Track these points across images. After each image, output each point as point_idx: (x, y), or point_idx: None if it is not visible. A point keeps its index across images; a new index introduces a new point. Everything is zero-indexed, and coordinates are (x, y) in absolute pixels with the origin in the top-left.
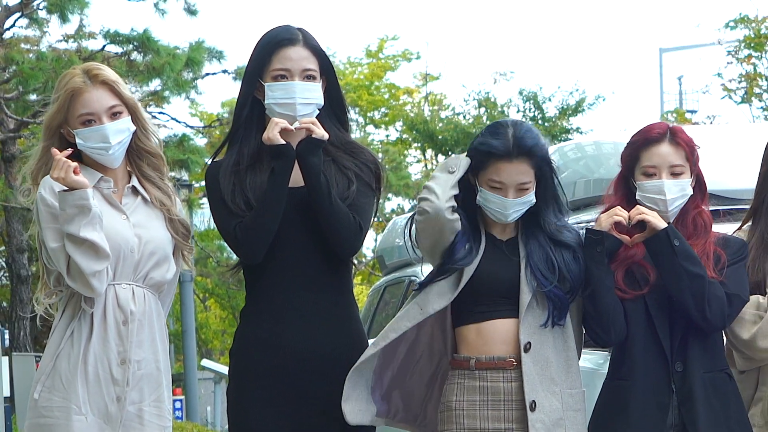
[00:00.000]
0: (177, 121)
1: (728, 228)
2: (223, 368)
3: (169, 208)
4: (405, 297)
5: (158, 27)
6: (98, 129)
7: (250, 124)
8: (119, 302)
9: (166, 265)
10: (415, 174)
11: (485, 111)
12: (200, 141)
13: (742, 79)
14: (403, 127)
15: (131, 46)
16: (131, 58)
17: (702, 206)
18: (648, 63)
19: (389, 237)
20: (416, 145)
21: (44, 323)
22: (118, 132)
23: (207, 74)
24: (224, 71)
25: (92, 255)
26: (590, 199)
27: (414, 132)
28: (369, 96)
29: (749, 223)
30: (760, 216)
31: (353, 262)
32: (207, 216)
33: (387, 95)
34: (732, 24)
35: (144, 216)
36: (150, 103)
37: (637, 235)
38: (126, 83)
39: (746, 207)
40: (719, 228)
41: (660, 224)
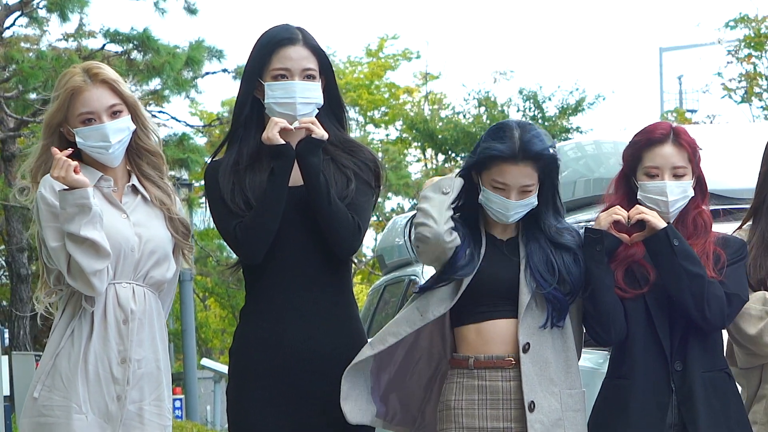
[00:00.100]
0: (177, 120)
1: (728, 227)
2: (223, 367)
3: (169, 207)
4: (405, 296)
5: (158, 26)
6: (98, 128)
7: (250, 124)
8: (119, 301)
9: (166, 264)
10: (415, 173)
11: (485, 110)
12: (200, 140)
13: (742, 79)
14: (403, 127)
15: (131, 45)
16: (131, 57)
17: (702, 206)
18: (648, 62)
19: (389, 236)
20: (416, 145)
21: (44, 322)
22: (118, 131)
23: (207, 73)
24: (224, 70)
25: (93, 254)
26: (590, 199)
27: (414, 131)
28: (369, 95)
29: (749, 223)
30: (761, 215)
31: (353, 261)
32: (207, 215)
33: (387, 94)
34: (732, 23)
35: (144, 215)
36: (150, 102)
37: (636, 234)
38: (126, 82)
39: (746, 206)
40: (719, 227)
41: (659, 224)
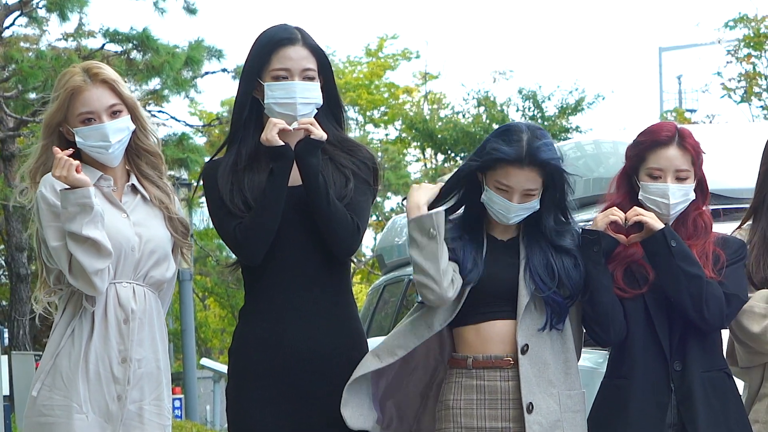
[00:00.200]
0: (176, 120)
1: (728, 227)
2: (223, 367)
3: (168, 207)
4: (404, 296)
5: (158, 26)
6: (98, 128)
7: (249, 124)
8: (120, 301)
9: (166, 264)
10: (415, 173)
11: (485, 110)
12: (199, 140)
13: (742, 79)
14: (403, 126)
15: (131, 45)
16: (131, 57)
17: (703, 207)
18: (647, 62)
19: (389, 236)
20: (415, 144)
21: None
22: (118, 131)
23: (206, 73)
24: (224, 70)
25: (94, 253)
26: (589, 198)
27: (413, 131)
28: (368, 95)
29: (749, 222)
30: (761, 215)
31: (353, 261)
32: (206, 215)
33: (386, 94)
34: (731, 23)
35: (144, 214)
36: (149, 102)
37: (634, 235)
38: (125, 82)
39: (746, 206)
40: (719, 227)
41: (657, 225)
